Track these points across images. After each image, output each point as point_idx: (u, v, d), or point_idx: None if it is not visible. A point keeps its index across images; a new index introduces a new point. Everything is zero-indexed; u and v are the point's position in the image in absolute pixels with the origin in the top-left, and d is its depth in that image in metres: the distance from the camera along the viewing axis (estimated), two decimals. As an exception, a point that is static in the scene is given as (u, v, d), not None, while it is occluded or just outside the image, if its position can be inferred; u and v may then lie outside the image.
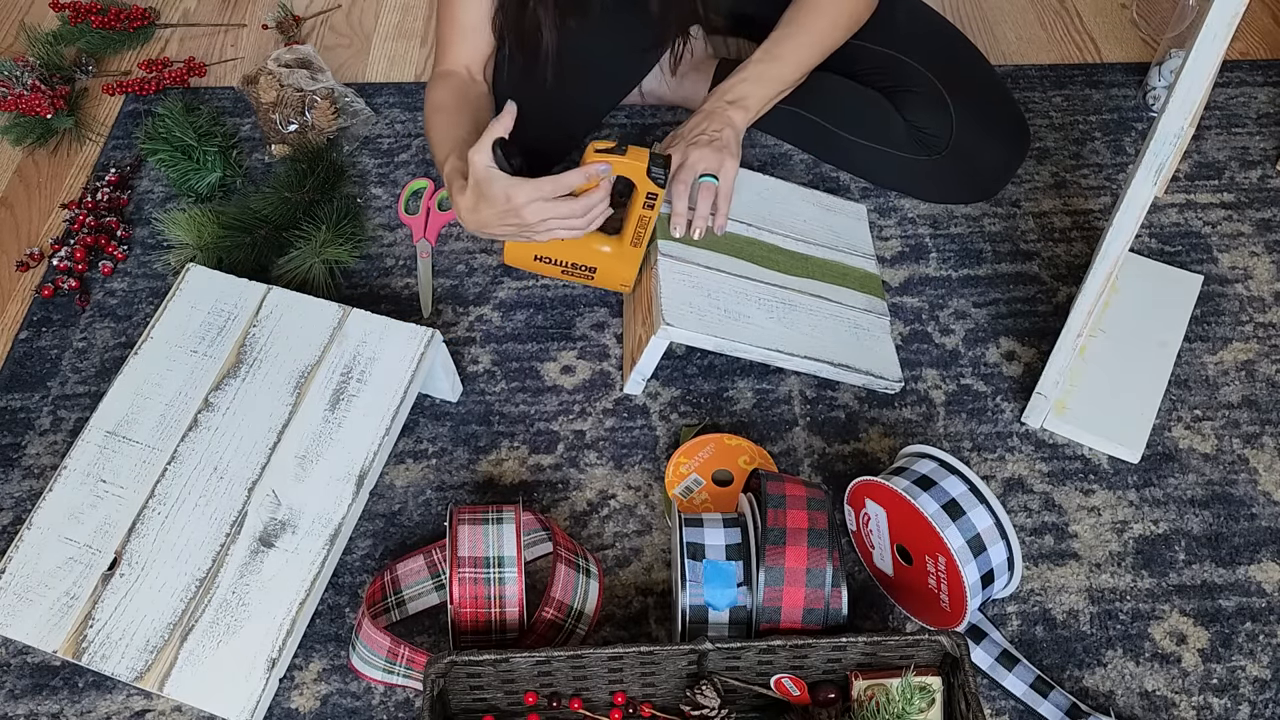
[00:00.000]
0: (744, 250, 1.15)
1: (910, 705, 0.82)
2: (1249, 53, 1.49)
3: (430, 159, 1.35)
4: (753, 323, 1.08)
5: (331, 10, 1.58)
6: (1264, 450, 1.09)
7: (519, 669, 0.84)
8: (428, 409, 1.12)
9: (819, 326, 1.11)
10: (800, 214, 1.22)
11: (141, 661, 0.87)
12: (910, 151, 1.25)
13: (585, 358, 1.17)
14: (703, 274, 1.10)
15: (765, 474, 0.92)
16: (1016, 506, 1.05)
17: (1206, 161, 1.35)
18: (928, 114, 1.21)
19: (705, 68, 1.36)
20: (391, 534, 1.04)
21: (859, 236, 1.24)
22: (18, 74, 1.39)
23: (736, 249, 1.14)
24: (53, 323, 1.21)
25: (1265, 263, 1.24)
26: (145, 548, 0.93)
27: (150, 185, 1.34)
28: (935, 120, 1.21)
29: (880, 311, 1.17)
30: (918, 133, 1.22)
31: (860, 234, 1.24)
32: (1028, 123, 1.29)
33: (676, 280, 1.08)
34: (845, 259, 1.20)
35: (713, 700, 0.85)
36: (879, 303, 1.18)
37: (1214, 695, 0.94)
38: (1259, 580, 1.00)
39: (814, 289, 1.15)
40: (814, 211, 1.23)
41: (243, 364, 1.02)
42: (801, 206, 1.23)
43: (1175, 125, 0.84)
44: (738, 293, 1.10)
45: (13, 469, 1.09)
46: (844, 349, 1.10)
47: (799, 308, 1.12)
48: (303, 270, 1.19)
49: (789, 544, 0.86)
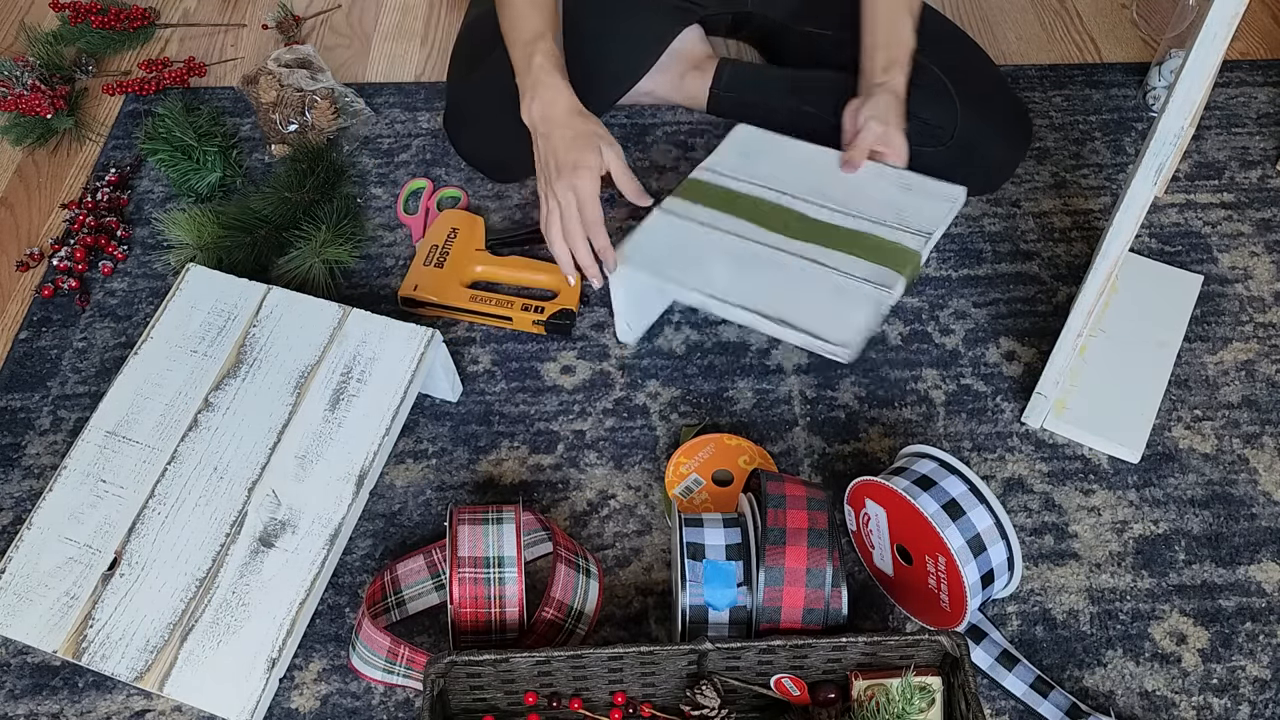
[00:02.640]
0: (758, 213, 1.12)
1: (910, 705, 0.82)
2: (1249, 53, 1.49)
3: (430, 159, 1.36)
4: (705, 270, 1.04)
5: (331, 10, 1.58)
6: (1264, 450, 1.09)
7: (519, 669, 0.84)
8: (428, 409, 1.12)
9: (783, 284, 1.05)
10: (863, 189, 1.15)
11: (141, 661, 0.87)
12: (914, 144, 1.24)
13: (585, 358, 1.17)
14: (692, 228, 1.09)
15: (765, 474, 0.92)
16: (1016, 506, 1.05)
17: (1206, 161, 1.35)
18: (932, 107, 1.21)
19: (705, 67, 1.36)
20: (391, 534, 1.04)
21: (925, 215, 1.13)
22: (18, 74, 1.39)
23: (751, 212, 1.12)
24: (53, 323, 1.21)
25: (1265, 263, 1.24)
26: (145, 548, 0.93)
27: (150, 185, 1.34)
28: (939, 113, 1.21)
29: (886, 284, 1.05)
30: (922, 125, 1.22)
31: (929, 213, 1.13)
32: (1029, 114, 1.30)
33: (658, 230, 1.08)
34: (885, 232, 1.11)
35: (713, 700, 0.85)
36: (891, 275, 1.05)
37: (1214, 695, 0.94)
38: (1259, 580, 1.00)
39: (811, 252, 1.08)
40: (884, 188, 1.15)
41: (243, 364, 1.02)
42: (872, 182, 1.16)
43: (1175, 125, 0.84)
44: (715, 246, 1.07)
45: (13, 469, 1.09)
46: (795, 307, 1.02)
47: (774, 264, 1.06)
48: (303, 270, 1.19)
49: (789, 544, 0.86)
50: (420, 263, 1.21)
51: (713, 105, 1.37)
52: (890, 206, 1.14)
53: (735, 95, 1.35)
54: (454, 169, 1.34)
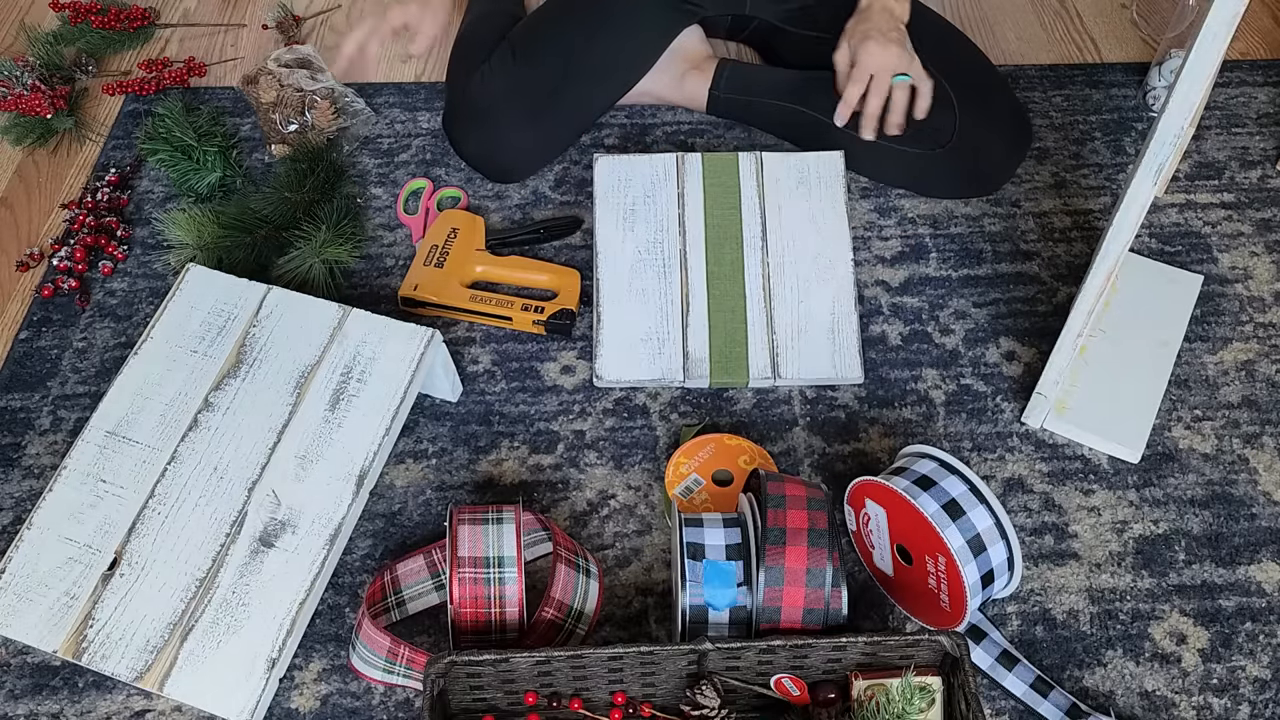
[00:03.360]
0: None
1: (910, 705, 0.82)
2: (1249, 53, 1.49)
3: (430, 159, 1.36)
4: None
5: (331, 10, 1.58)
6: (1264, 450, 1.09)
7: (519, 669, 0.84)
8: (428, 409, 1.12)
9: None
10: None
11: (141, 661, 0.88)
12: (913, 146, 1.25)
13: (585, 358, 1.17)
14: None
15: (765, 474, 0.92)
16: (1016, 506, 1.05)
17: (1206, 161, 1.35)
18: (932, 109, 1.21)
19: (705, 67, 1.36)
20: (391, 534, 1.04)
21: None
22: (18, 74, 1.39)
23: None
24: (53, 323, 1.21)
25: (1265, 263, 1.24)
26: (145, 548, 0.93)
27: (150, 185, 1.34)
28: (939, 114, 1.21)
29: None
30: (921, 127, 1.22)
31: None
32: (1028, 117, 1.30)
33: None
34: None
35: (713, 700, 0.85)
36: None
37: (1214, 695, 0.94)
38: (1259, 580, 1.00)
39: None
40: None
41: (243, 364, 1.02)
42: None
43: (1175, 125, 0.84)
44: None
45: (13, 469, 1.09)
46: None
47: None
48: (303, 270, 1.19)
49: (789, 544, 0.86)
50: (420, 263, 1.21)
51: (712, 106, 1.37)
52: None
53: (734, 96, 1.35)
54: (454, 169, 1.34)
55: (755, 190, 1.21)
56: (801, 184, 1.22)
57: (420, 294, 1.18)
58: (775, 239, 1.18)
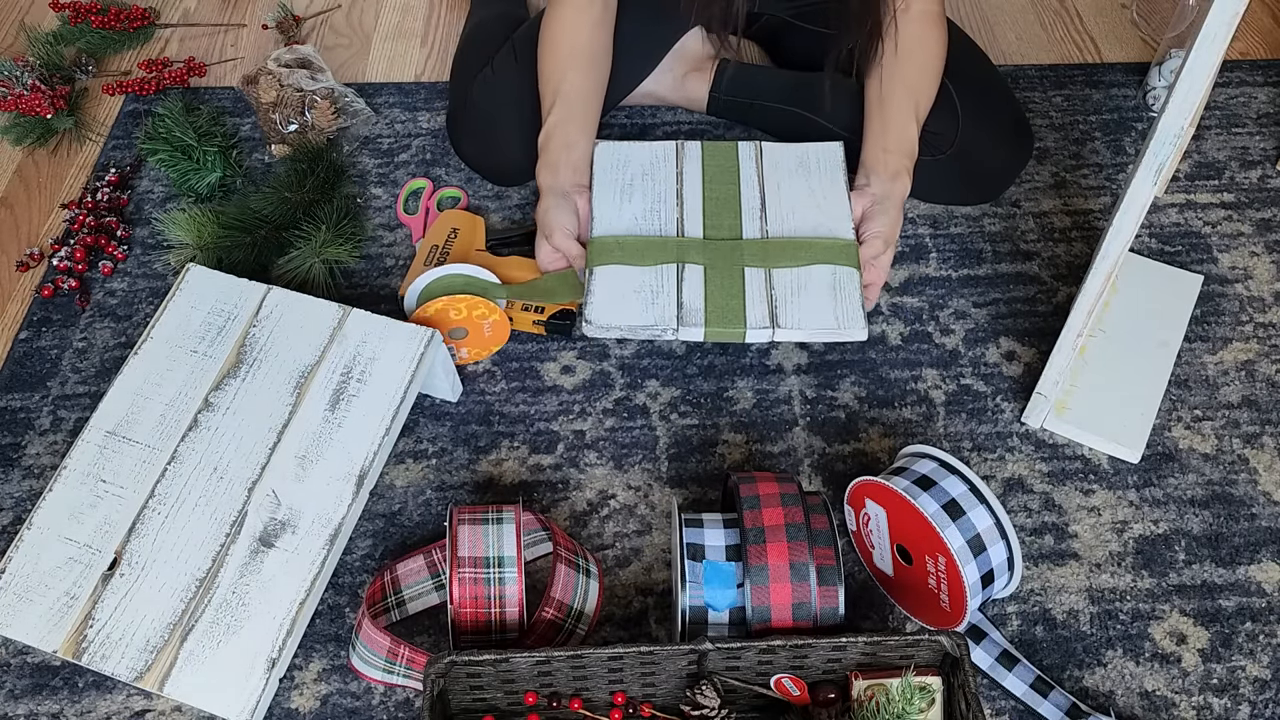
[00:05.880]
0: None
1: (910, 705, 0.82)
2: (1249, 53, 1.49)
3: (430, 159, 1.36)
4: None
5: (331, 10, 1.58)
6: (1264, 450, 1.09)
7: (519, 669, 0.84)
8: (428, 409, 1.12)
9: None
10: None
11: (141, 661, 0.88)
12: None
13: (585, 358, 1.17)
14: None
15: (739, 476, 0.92)
16: (1016, 506, 1.05)
17: (1206, 161, 1.35)
18: (933, 115, 1.21)
19: (705, 68, 1.36)
20: (391, 534, 1.04)
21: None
22: (18, 74, 1.39)
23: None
24: (53, 323, 1.21)
25: (1265, 263, 1.24)
26: (145, 548, 0.93)
27: (150, 185, 1.34)
28: (941, 121, 1.21)
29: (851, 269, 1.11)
30: (922, 134, 1.22)
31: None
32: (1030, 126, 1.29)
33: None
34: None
35: (713, 700, 0.85)
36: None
37: (1214, 695, 0.94)
38: (1259, 580, 1.00)
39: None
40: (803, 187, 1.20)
41: (243, 364, 1.02)
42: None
43: (1175, 125, 0.84)
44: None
45: (13, 469, 1.09)
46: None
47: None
48: (303, 270, 1.19)
49: (768, 541, 0.87)
50: (420, 263, 1.21)
51: (712, 107, 1.37)
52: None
53: (735, 97, 1.35)
54: (454, 169, 1.34)
55: (754, 170, 1.19)
56: (801, 167, 1.20)
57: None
58: (774, 211, 1.15)
